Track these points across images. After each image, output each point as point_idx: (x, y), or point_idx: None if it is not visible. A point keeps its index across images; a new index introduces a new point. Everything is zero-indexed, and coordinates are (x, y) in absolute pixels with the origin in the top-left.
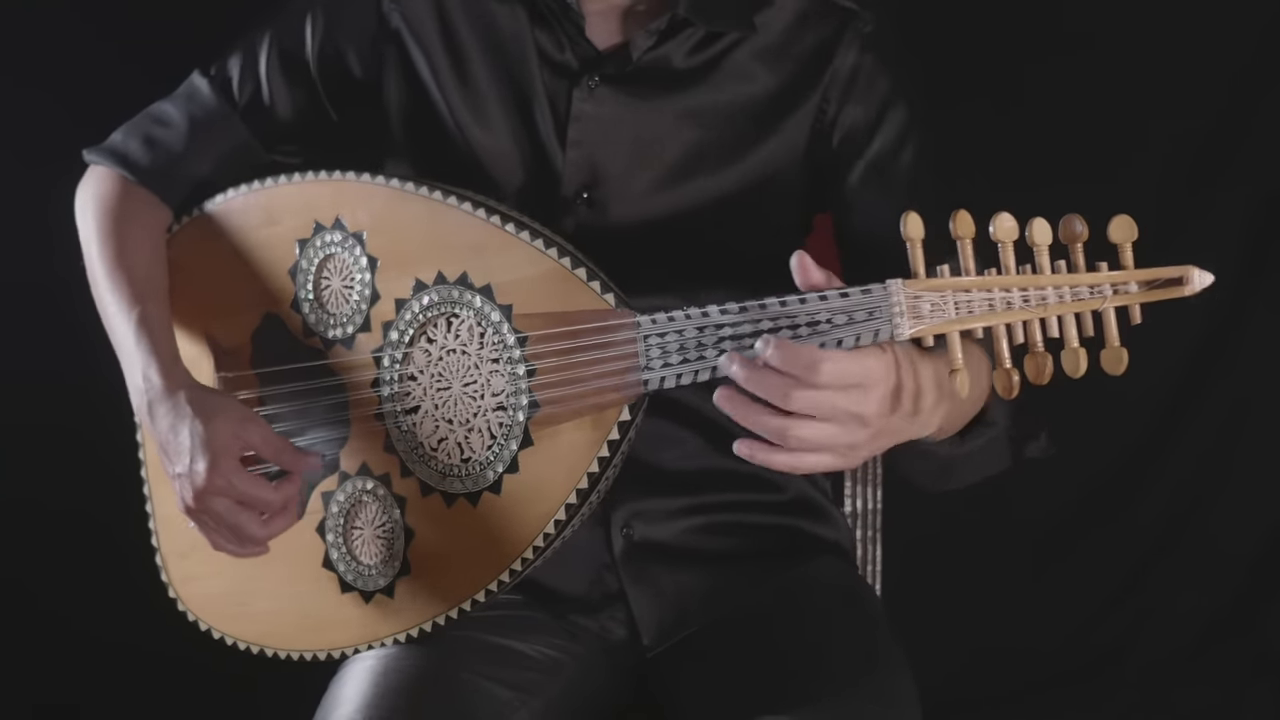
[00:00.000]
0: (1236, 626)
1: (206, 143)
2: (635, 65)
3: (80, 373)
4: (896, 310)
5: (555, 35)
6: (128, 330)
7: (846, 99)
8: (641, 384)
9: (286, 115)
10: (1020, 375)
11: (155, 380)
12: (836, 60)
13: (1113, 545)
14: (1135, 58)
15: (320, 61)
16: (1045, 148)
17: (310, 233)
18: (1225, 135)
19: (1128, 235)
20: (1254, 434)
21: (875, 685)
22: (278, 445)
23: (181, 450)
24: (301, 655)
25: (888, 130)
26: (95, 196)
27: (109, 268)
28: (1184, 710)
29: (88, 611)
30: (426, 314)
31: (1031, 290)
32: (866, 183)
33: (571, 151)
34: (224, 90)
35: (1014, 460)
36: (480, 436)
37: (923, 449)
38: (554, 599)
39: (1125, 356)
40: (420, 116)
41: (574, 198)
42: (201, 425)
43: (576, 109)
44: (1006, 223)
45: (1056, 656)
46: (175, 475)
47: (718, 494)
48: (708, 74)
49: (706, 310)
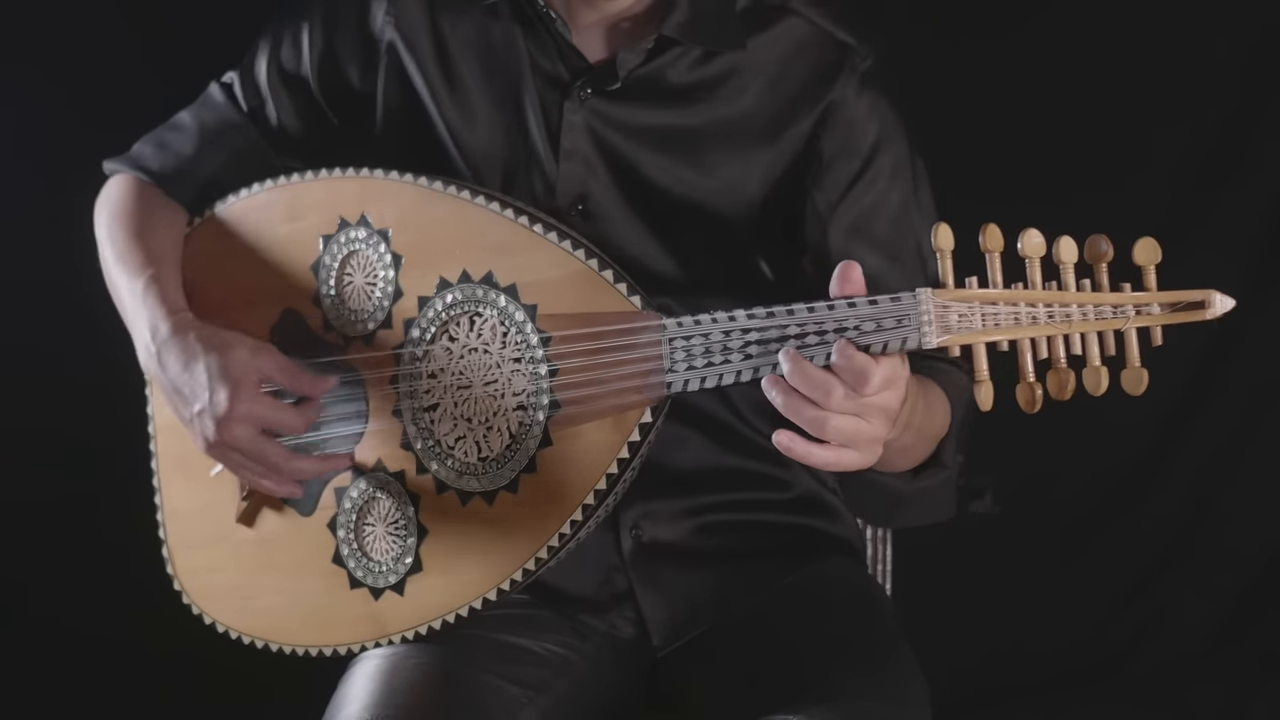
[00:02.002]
0: (1247, 627)
1: (216, 145)
2: (625, 81)
3: (84, 371)
4: (925, 319)
5: (545, 46)
6: (135, 292)
7: (836, 137)
8: (665, 386)
9: (289, 122)
10: (1043, 390)
11: (162, 329)
12: (833, 94)
13: (1124, 545)
14: (1141, 63)
15: (319, 72)
16: (1054, 157)
17: (335, 229)
18: (1233, 141)
19: (1152, 258)
20: (1265, 436)
21: (885, 684)
22: (293, 370)
23: (198, 386)
24: (307, 651)
25: (872, 179)
26: (112, 197)
27: (121, 245)
28: (1195, 710)
29: (88, 611)
30: (449, 312)
31: (1057, 306)
32: (851, 226)
33: (565, 163)
34: (232, 96)
35: (958, 510)
36: (499, 436)
37: (871, 480)
38: (563, 599)
39: (1145, 377)
40: (415, 129)
41: (569, 209)
42: (217, 357)
43: (568, 120)
44: (1034, 239)
45: (1067, 656)
46: (194, 414)
47: (726, 493)
48: (702, 93)
49: (734, 314)
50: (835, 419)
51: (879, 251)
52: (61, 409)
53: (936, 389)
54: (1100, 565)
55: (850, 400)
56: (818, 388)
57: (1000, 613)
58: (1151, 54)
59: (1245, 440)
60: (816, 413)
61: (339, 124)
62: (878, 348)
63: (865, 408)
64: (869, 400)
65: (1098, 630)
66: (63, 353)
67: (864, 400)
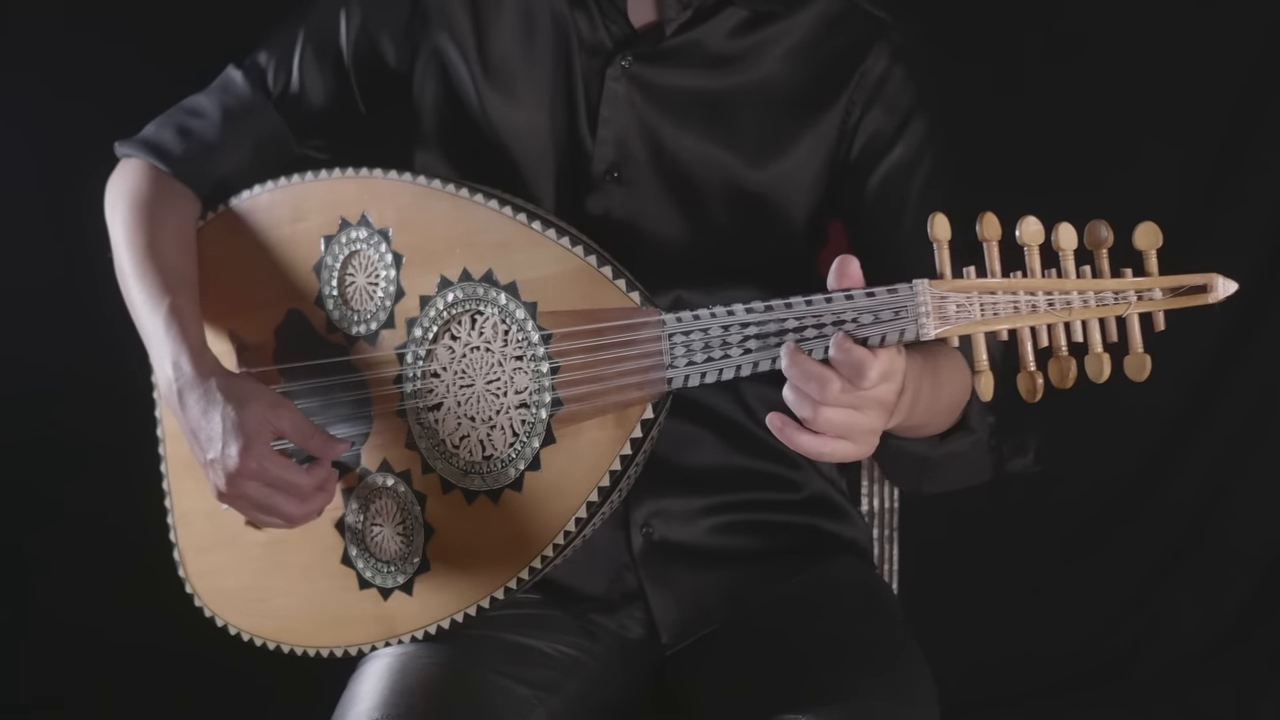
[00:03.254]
0: (1254, 627)
1: (240, 133)
2: (669, 43)
3: (90, 372)
4: (923, 310)
5: (590, 14)
6: (157, 320)
7: (871, 105)
8: (665, 382)
9: (318, 107)
10: (1044, 379)
11: (186, 369)
12: (866, 65)
13: (1130, 546)
14: (1150, 61)
15: (355, 52)
16: (1062, 152)
17: (336, 229)
18: (1240, 138)
19: (1152, 242)
20: (1272, 437)
21: (893, 684)
22: (307, 431)
23: (214, 436)
24: (318, 652)
25: (909, 141)
26: (126, 189)
27: (139, 260)
28: (1203, 711)
29: (96, 612)
30: (451, 311)
31: (1056, 294)
32: (883, 191)
33: (603, 130)
34: (258, 81)
35: (995, 472)
36: (502, 434)
37: (897, 448)
38: (573, 598)
39: (1148, 363)
40: (452, 104)
41: (604, 175)
42: (233, 410)
43: (609, 88)
44: (1032, 226)
45: (1074, 657)
46: (208, 462)
47: (736, 493)
48: (740, 61)
49: (732, 309)
50: (827, 411)
51: (910, 212)
52: (69, 409)
53: (950, 359)
54: (1108, 565)
55: (847, 394)
56: (813, 380)
57: (1008, 613)
58: (1157, 54)
59: (1251, 440)
60: (810, 404)
61: (366, 111)
62: (876, 340)
63: (861, 400)
64: (866, 394)
65: (1106, 629)
66: (74, 353)
67: (860, 394)
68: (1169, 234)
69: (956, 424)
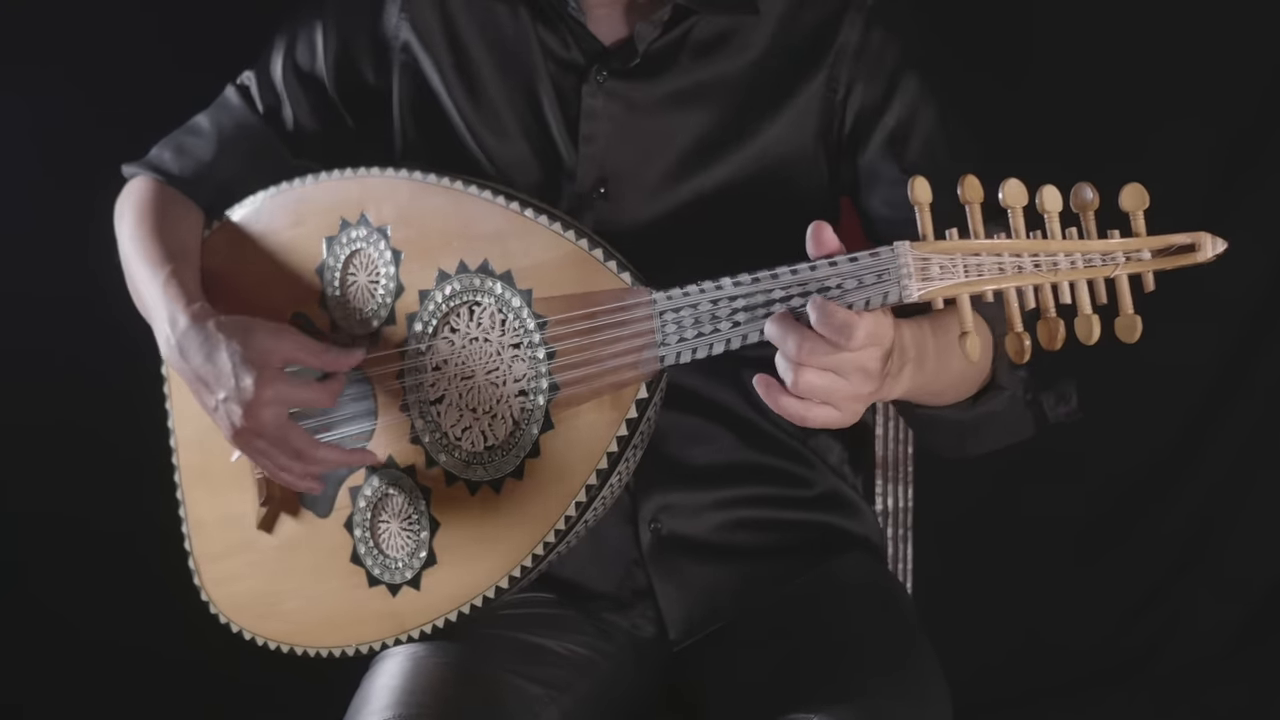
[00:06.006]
0: (1269, 628)
1: (234, 148)
2: (642, 57)
3: (104, 380)
4: (905, 272)
5: (559, 33)
6: (155, 286)
7: (855, 78)
8: (658, 360)
9: (306, 122)
10: (1032, 340)
11: (181, 320)
12: (840, 38)
13: (1146, 546)
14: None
15: (335, 71)
16: (1074, 138)
17: (337, 229)
18: (1266, 125)
19: (1139, 203)
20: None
21: (906, 682)
22: (317, 348)
23: (222, 374)
24: (330, 652)
25: (899, 104)
26: (132, 202)
27: (142, 241)
28: (1218, 710)
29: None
30: (449, 303)
31: (1042, 255)
32: (883, 161)
33: (584, 147)
34: (248, 98)
35: (1037, 427)
36: (503, 423)
37: (928, 416)
38: (585, 596)
39: (1139, 324)
40: (433, 126)
41: (590, 193)
42: (238, 344)
43: (586, 105)
44: (1015, 188)
45: (1088, 656)
46: (220, 402)
47: (747, 489)
48: (713, 55)
49: (720, 282)
50: (807, 373)
51: (912, 169)
52: (81, 415)
53: (979, 318)
54: (1122, 565)
55: (827, 354)
56: (789, 337)
57: (1022, 612)
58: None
59: (1270, 442)
60: (790, 365)
61: (354, 124)
62: (860, 304)
63: (842, 365)
64: (847, 358)
65: (1120, 629)
66: (86, 359)
67: (841, 357)
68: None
69: (987, 384)
